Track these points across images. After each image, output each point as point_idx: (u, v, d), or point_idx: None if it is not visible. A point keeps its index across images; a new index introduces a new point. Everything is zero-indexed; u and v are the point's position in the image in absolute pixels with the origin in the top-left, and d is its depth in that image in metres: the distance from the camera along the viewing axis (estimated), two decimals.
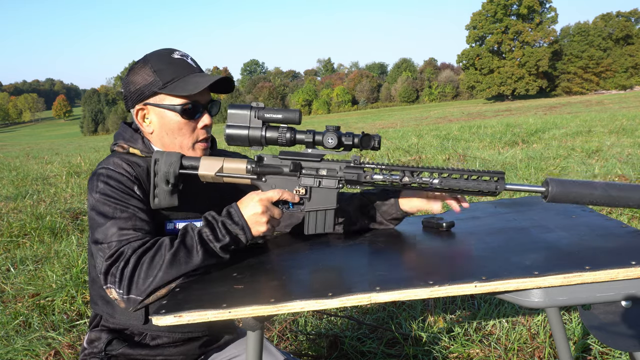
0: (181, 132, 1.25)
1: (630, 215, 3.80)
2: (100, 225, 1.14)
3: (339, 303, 0.91)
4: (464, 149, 8.54)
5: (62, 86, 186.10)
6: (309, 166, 1.21)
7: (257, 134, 1.16)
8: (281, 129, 1.17)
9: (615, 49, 64.45)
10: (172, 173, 1.17)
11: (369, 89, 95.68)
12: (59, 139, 54.30)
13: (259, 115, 1.16)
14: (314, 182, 1.22)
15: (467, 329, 2.31)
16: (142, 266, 1.07)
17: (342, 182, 1.21)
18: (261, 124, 1.17)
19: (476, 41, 67.70)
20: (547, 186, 1.10)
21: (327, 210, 1.22)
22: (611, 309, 1.01)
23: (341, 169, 1.21)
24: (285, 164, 1.21)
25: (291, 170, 1.20)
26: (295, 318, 2.52)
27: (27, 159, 13.18)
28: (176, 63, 1.24)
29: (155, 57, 1.25)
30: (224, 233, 1.12)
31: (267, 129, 1.17)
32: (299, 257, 1.21)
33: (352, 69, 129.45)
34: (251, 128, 1.16)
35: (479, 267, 0.98)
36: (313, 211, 1.23)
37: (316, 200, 1.22)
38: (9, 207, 5.32)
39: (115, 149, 1.29)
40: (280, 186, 1.21)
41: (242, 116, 1.17)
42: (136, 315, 1.22)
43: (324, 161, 1.22)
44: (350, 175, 1.20)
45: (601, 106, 22.91)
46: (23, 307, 2.80)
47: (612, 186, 1.07)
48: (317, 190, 1.22)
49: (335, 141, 1.16)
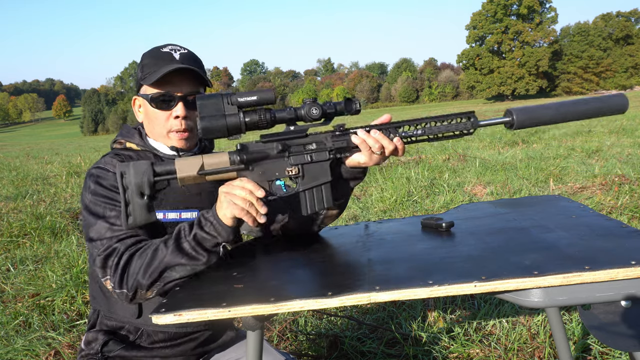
0: (157, 121, 1.29)
1: (630, 215, 3.80)
2: (93, 225, 1.18)
3: (339, 302, 0.91)
4: (464, 149, 8.54)
5: (62, 86, 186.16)
6: (296, 143, 1.16)
7: (236, 121, 1.07)
8: (259, 111, 1.09)
9: (615, 49, 64.47)
10: (147, 183, 1.07)
11: (369, 89, 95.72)
12: (59, 139, 54.32)
13: (232, 101, 1.08)
14: (305, 159, 1.16)
15: (467, 329, 2.31)
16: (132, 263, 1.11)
17: (332, 152, 1.17)
18: (237, 109, 1.08)
19: (476, 41, 67.71)
20: (511, 115, 1.19)
21: (324, 184, 1.18)
22: (611, 309, 1.01)
23: (328, 139, 1.17)
24: (270, 146, 1.14)
25: (279, 151, 1.13)
26: (295, 318, 2.52)
27: (27, 159, 13.18)
28: (160, 56, 1.27)
29: (148, 52, 1.31)
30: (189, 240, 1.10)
31: (245, 114, 1.09)
32: (299, 256, 1.21)
33: (352, 69, 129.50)
34: (227, 116, 1.07)
35: (478, 267, 0.97)
36: (309, 189, 1.17)
37: (310, 177, 1.17)
38: (9, 207, 5.32)
39: (114, 146, 1.35)
40: (270, 171, 1.15)
41: (214, 105, 1.07)
42: (131, 309, 1.25)
43: (310, 135, 1.18)
44: (340, 143, 1.17)
45: None
46: (23, 307, 2.80)
47: (562, 104, 1.19)
48: (310, 166, 1.17)
49: (320, 111, 1.12)
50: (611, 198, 4.28)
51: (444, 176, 5.90)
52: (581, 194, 4.65)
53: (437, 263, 1.04)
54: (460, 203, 4.19)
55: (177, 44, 1.31)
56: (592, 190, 4.73)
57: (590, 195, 4.52)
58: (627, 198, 4.19)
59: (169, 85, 1.26)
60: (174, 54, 1.27)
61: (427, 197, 4.94)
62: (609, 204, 4.14)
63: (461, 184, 5.44)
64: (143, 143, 1.32)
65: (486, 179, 5.60)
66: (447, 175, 5.91)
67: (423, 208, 4.53)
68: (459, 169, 6.47)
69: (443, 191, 5.08)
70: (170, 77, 1.24)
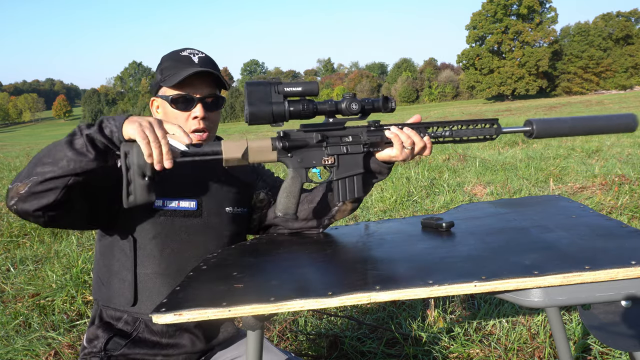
0: (176, 122, 1.31)
1: (630, 215, 3.80)
2: None
3: (339, 302, 0.91)
4: (464, 149, 8.54)
5: (62, 86, 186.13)
6: (334, 134, 1.23)
7: (281, 109, 1.14)
8: (303, 101, 1.16)
9: (615, 49, 64.48)
10: (149, 164, 1.08)
11: (369, 89, 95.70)
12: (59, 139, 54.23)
13: (278, 90, 1.14)
14: (341, 150, 1.23)
15: (467, 329, 2.31)
16: None
17: (366, 146, 1.24)
18: (282, 98, 1.14)
19: (476, 41, 67.72)
20: (531, 125, 1.27)
21: (356, 175, 1.25)
22: (611, 308, 1.01)
23: (363, 134, 1.24)
24: (310, 135, 1.21)
25: (318, 141, 1.21)
26: (295, 318, 2.52)
27: (27, 159, 13.17)
28: (179, 58, 1.33)
29: (167, 55, 1.36)
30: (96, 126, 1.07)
31: (290, 103, 1.15)
32: (299, 256, 1.21)
33: (352, 69, 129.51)
34: (274, 103, 1.13)
35: (478, 267, 0.98)
36: (343, 178, 1.25)
37: (345, 167, 1.25)
38: None
39: None
40: (307, 159, 1.23)
41: (263, 92, 1.13)
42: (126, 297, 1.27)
43: (347, 128, 1.24)
44: (374, 137, 1.24)
45: (601, 106, 22.92)
46: (23, 307, 2.80)
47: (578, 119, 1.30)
48: (344, 157, 1.24)
49: (359, 106, 1.18)
50: (611, 198, 4.29)
51: (444, 176, 5.90)
52: (581, 194, 4.65)
53: (437, 263, 1.04)
54: (460, 203, 4.20)
55: (195, 48, 1.37)
56: (592, 190, 4.74)
57: (590, 195, 4.52)
58: (627, 198, 4.19)
59: (189, 88, 1.31)
60: (193, 58, 1.33)
61: (427, 197, 4.95)
62: (609, 204, 4.14)
63: (461, 184, 5.44)
64: None
65: (486, 179, 5.60)
66: (447, 175, 5.92)
67: (423, 208, 4.54)
68: (459, 169, 6.47)
69: (443, 191, 5.08)
70: (190, 79, 1.29)
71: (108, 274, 1.30)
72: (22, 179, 1.07)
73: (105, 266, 1.31)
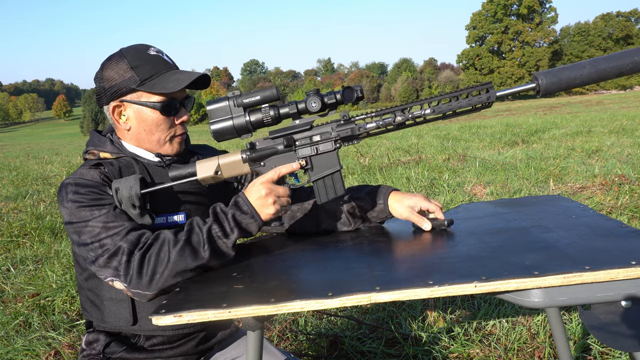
0: (159, 128, 1.27)
1: (630, 215, 3.80)
2: (83, 229, 1.13)
3: (339, 303, 0.91)
4: (464, 149, 8.54)
5: (62, 86, 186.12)
6: (302, 136, 1.21)
7: (242, 121, 1.15)
8: (264, 109, 1.15)
9: (615, 49, 64.40)
10: (135, 195, 1.14)
11: (369, 89, 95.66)
12: (59, 139, 54.30)
13: (237, 103, 1.15)
14: (311, 151, 1.21)
15: (467, 329, 2.31)
16: (149, 263, 1.08)
17: (338, 142, 1.21)
18: (242, 110, 1.15)
19: (476, 41, 67.70)
20: (537, 80, 1.09)
21: (333, 173, 1.22)
22: (611, 309, 1.01)
23: (334, 129, 1.20)
24: (278, 142, 1.20)
25: (285, 145, 1.19)
26: (295, 318, 2.52)
27: (27, 159, 13.17)
28: (153, 59, 1.24)
29: (131, 53, 1.24)
30: (232, 226, 1.13)
31: (250, 113, 1.15)
32: (299, 257, 1.21)
33: (352, 69, 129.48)
34: (234, 117, 1.15)
35: (479, 267, 0.97)
36: (320, 179, 1.23)
37: (319, 168, 1.22)
38: (9, 207, 5.32)
39: (87, 157, 1.30)
40: (280, 165, 1.21)
41: (222, 109, 1.16)
42: (125, 318, 1.22)
43: (315, 127, 1.21)
44: (344, 132, 1.20)
45: (601, 106, 22.91)
46: (23, 307, 2.80)
47: (600, 61, 1.06)
48: (317, 158, 1.22)
49: (319, 103, 1.15)
50: (611, 198, 4.28)
51: (444, 176, 5.90)
52: (581, 194, 4.65)
53: (437, 263, 1.04)
54: (460, 203, 4.19)
55: (150, 44, 1.29)
56: (592, 190, 4.73)
57: (590, 195, 4.52)
58: (627, 198, 4.19)
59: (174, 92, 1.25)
60: (164, 57, 1.26)
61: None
62: (609, 204, 4.14)
63: (461, 184, 5.43)
64: (117, 150, 1.27)
65: (486, 179, 5.60)
66: (447, 175, 5.91)
67: None
68: (459, 169, 6.46)
69: (443, 191, 5.07)
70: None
71: (99, 299, 1.24)
72: (163, 283, 1.10)
73: (91, 290, 1.25)
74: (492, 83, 1.17)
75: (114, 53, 1.27)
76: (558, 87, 1.09)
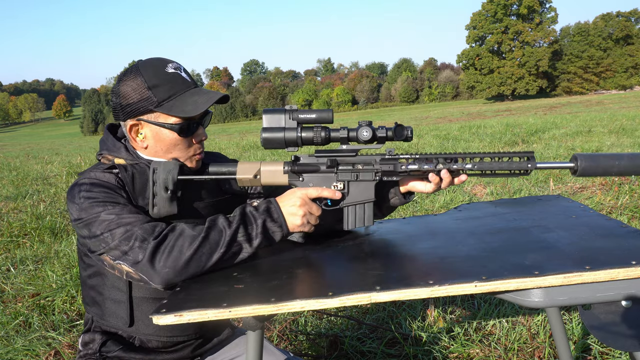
0: (177, 148, 1.24)
1: (630, 215, 3.80)
2: (94, 222, 1.12)
3: (339, 303, 0.91)
4: (464, 149, 8.54)
5: (62, 86, 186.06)
6: (345, 161, 1.25)
7: (293, 135, 1.19)
8: (316, 129, 1.19)
9: (615, 49, 64.45)
10: (171, 180, 1.18)
11: (369, 89, 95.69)
12: (59, 139, 54.30)
13: (293, 117, 1.19)
14: (351, 177, 1.24)
15: (467, 329, 2.31)
16: (162, 255, 1.08)
17: (378, 175, 1.24)
18: (296, 124, 1.19)
19: (476, 41, 67.70)
20: (576, 161, 1.13)
21: (366, 203, 1.25)
22: (611, 309, 1.01)
23: (377, 162, 1.24)
24: (322, 161, 1.25)
25: (328, 166, 1.24)
26: (295, 318, 2.52)
27: (27, 159, 13.17)
28: (171, 78, 1.20)
29: (149, 70, 1.19)
30: (258, 232, 1.14)
31: (303, 130, 1.20)
32: (299, 257, 1.21)
33: (352, 69, 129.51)
34: (287, 130, 1.19)
35: (479, 267, 0.98)
36: (352, 205, 1.25)
37: (354, 194, 1.25)
38: (9, 207, 5.32)
39: (100, 159, 1.28)
40: (318, 184, 1.24)
41: (277, 119, 1.20)
42: (122, 318, 1.23)
43: (359, 155, 1.25)
44: (386, 166, 1.24)
45: (601, 106, 22.91)
46: (23, 307, 2.80)
47: (637, 156, 1.10)
48: (355, 184, 1.25)
49: (370, 134, 1.18)
50: (611, 198, 4.28)
51: None
52: (581, 194, 4.65)
53: (437, 263, 1.04)
54: (460, 203, 4.20)
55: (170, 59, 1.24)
56: (592, 190, 4.73)
57: (590, 195, 4.52)
58: (627, 198, 4.19)
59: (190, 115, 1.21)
60: (182, 75, 1.22)
61: (427, 197, 4.94)
62: (609, 204, 4.14)
63: (461, 184, 5.43)
64: (132, 157, 1.25)
65: (486, 179, 5.60)
66: None
67: (423, 208, 4.53)
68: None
69: (443, 191, 5.07)
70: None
71: (101, 297, 1.24)
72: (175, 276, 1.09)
73: (93, 288, 1.25)
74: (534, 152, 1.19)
75: (131, 67, 1.23)
76: (594, 172, 1.12)
